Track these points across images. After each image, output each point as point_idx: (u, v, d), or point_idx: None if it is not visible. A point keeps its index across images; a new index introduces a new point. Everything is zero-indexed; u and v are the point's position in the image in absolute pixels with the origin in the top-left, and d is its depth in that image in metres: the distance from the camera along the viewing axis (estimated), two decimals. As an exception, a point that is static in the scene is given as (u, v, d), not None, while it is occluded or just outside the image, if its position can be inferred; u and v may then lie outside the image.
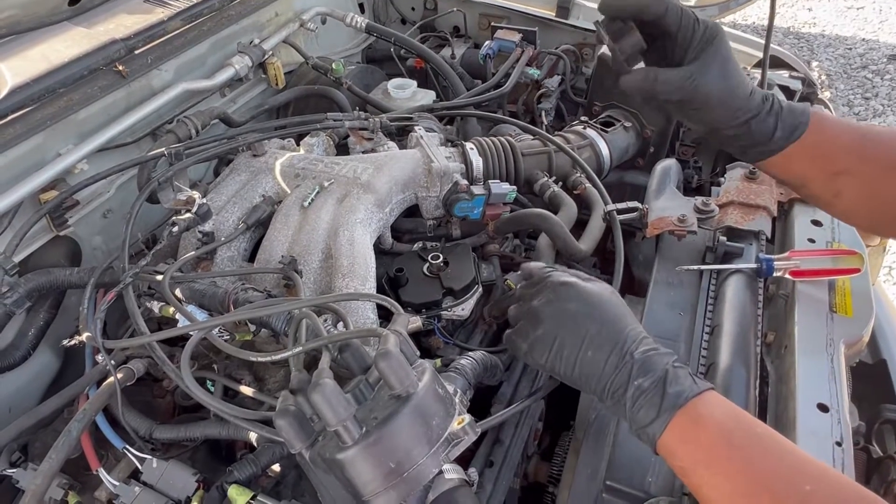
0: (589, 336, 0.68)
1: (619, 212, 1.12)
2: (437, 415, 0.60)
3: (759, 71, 1.43)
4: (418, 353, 0.66)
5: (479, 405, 0.95)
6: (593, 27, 0.78)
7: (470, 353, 0.90)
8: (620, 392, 0.65)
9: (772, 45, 1.04)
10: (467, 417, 0.61)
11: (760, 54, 1.58)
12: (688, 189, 1.49)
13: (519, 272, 0.84)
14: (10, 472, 0.91)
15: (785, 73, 1.56)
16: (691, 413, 0.61)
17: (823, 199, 0.81)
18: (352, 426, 0.56)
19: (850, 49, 4.65)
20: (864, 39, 4.75)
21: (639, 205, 1.12)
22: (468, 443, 0.61)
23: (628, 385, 0.64)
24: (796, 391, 0.80)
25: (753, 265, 0.99)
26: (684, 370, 0.65)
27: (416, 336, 1.04)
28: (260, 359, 0.76)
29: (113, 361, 0.93)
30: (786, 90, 1.49)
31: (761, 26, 4.90)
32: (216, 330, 0.84)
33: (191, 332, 0.80)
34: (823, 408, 0.78)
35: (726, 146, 0.81)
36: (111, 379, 0.85)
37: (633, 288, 1.36)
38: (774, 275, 0.97)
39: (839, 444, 0.74)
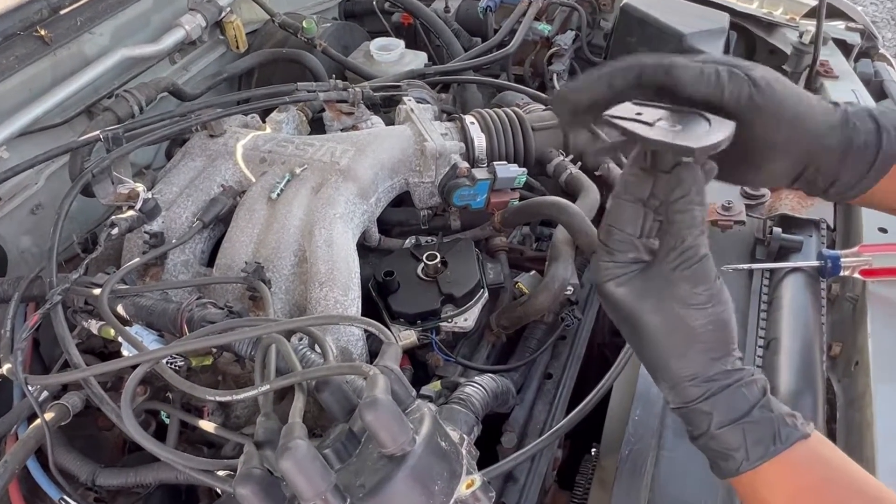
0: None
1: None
2: (441, 477, 0.55)
3: (812, 22, 1.35)
4: (414, 392, 0.60)
5: (487, 432, 0.88)
6: None
7: (477, 378, 0.84)
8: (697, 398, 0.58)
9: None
10: (478, 479, 0.56)
11: (810, 1, 1.50)
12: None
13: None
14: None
15: (840, 24, 1.47)
16: (791, 456, 0.55)
17: None
18: (333, 499, 0.50)
19: (899, -8, 4.54)
20: (914, -20, 4.63)
21: (675, 189, 1.05)
22: (481, 512, 0.54)
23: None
24: (875, 421, 0.74)
25: (815, 263, 0.92)
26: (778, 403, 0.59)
27: (410, 352, 0.98)
28: (218, 398, 0.69)
29: (46, 393, 0.87)
30: (842, 44, 1.41)
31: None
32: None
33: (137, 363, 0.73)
34: (909, 442, 0.72)
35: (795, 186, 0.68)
36: (39, 420, 0.78)
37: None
38: (841, 274, 0.90)
39: (930, 487, 0.68)
